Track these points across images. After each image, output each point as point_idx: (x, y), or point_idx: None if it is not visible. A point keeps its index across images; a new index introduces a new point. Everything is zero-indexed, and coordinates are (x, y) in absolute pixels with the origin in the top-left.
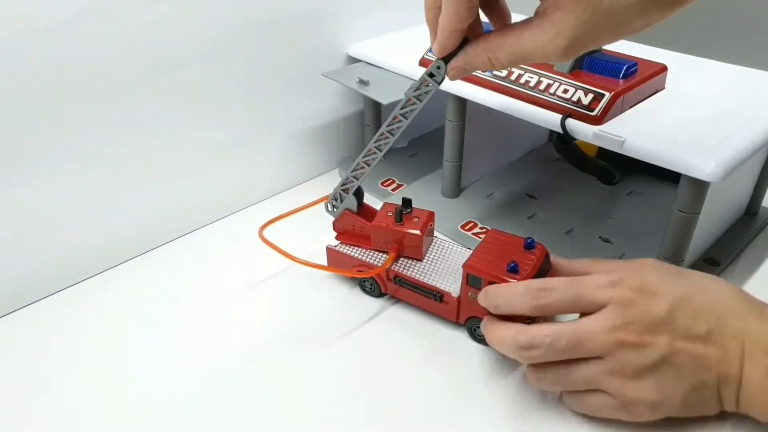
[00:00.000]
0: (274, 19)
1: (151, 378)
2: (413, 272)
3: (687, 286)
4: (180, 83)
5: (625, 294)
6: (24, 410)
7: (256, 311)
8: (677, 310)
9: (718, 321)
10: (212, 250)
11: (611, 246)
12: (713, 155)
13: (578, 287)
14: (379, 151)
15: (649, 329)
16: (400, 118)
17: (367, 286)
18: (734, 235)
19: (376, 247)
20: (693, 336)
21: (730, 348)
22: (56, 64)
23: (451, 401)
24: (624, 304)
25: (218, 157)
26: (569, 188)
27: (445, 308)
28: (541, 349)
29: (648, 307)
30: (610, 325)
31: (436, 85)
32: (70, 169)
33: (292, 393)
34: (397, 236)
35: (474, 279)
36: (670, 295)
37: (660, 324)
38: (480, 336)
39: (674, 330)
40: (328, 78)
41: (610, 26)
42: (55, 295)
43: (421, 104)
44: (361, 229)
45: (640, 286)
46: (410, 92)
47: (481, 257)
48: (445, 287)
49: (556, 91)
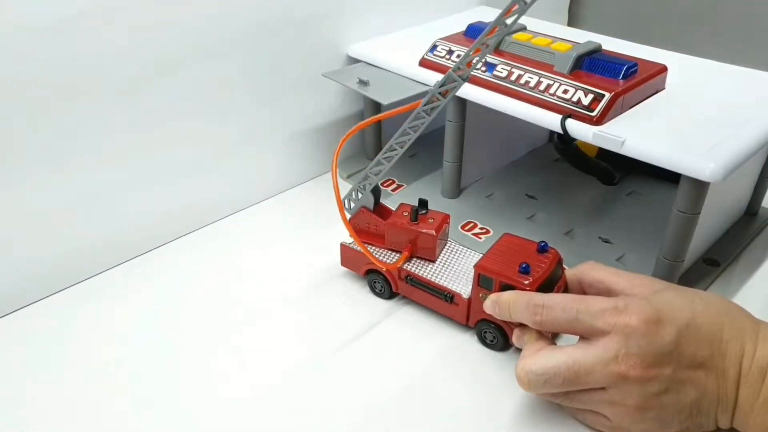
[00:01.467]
0: (274, 20)
1: (151, 378)
2: (425, 272)
3: (692, 311)
4: (180, 83)
5: (629, 322)
6: (24, 410)
7: (257, 311)
8: (683, 338)
9: (720, 344)
10: (212, 250)
11: (611, 246)
12: (713, 155)
13: (578, 310)
14: (399, 147)
15: (653, 361)
16: (409, 131)
17: (378, 287)
18: (734, 235)
19: (390, 246)
20: (697, 364)
21: (729, 372)
22: (56, 63)
23: (457, 405)
24: (627, 333)
25: (218, 157)
26: (569, 188)
27: (456, 310)
28: (537, 386)
29: (654, 338)
30: (612, 356)
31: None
32: (69, 169)
33: (301, 394)
34: (412, 236)
35: (485, 279)
36: (676, 322)
37: (665, 355)
38: (490, 341)
39: (679, 359)
40: (328, 78)
41: None
42: (55, 295)
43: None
44: (376, 227)
45: (647, 313)
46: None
47: (493, 258)
48: (456, 288)
49: (556, 92)
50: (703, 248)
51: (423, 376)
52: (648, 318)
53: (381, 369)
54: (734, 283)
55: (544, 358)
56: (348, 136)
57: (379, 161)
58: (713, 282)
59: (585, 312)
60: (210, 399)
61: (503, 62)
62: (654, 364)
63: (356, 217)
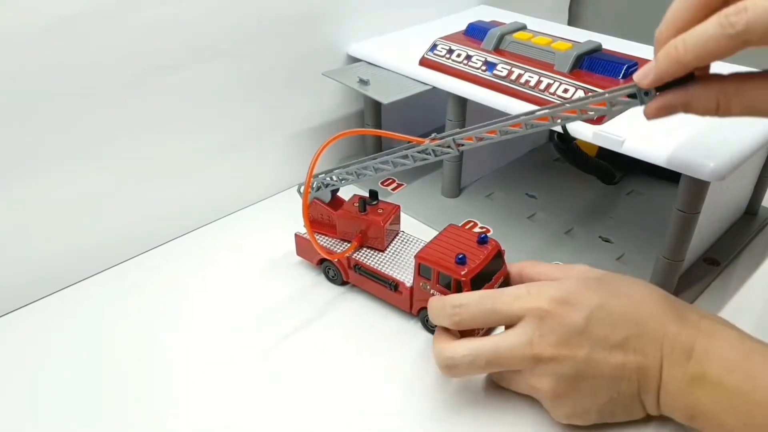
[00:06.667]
0: (275, 19)
1: (149, 377)
2: (372, 262)
3: (606, 293)
4: (180, 83)
5: (540, 305)
6: (24, 410)
7: (258, 310)
8: (595, 319)
9: (637, 326)
10: (212, 250)
11: (611, 246)
12: (713, 155)
13: (493, 301)
14: (373, 172)
15: (565, 342)
16: (390, 163)
17: (331, 274)
18: (734, 235)
19: (342, 236)
20: (611, 345)
21: (649, 353)
22: (56, 63)
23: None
24: (539, 316)
25: (218, 157)
26: (569, 188)
27: (399, 298)
28: (461, 367)
29: (564, 319)
30: (527, 339)
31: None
32: (69, 169)
33: (289, 378)
34: (362, 225)
35: (425, 269)
36: (588, 304)
37: (577, 335)
38: (431, 327)
39: (592, 341)
40: (328, 78)
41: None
42: (55, 294)
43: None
44: (329, 218)
45: (557, 296)
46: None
47: (434, 249)
48: (400, 278)
49: (556, 91)
50: (703, 248)
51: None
52: (558, 299)
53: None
54: (734, 283)
55: (466, 342)
56: (328, 145)
57: (351, 172)
58: (713, 281)
59: (500, 302)
60: (210, 399)
61: (503, 61)
62: (565, 344)
63: (311, 208)
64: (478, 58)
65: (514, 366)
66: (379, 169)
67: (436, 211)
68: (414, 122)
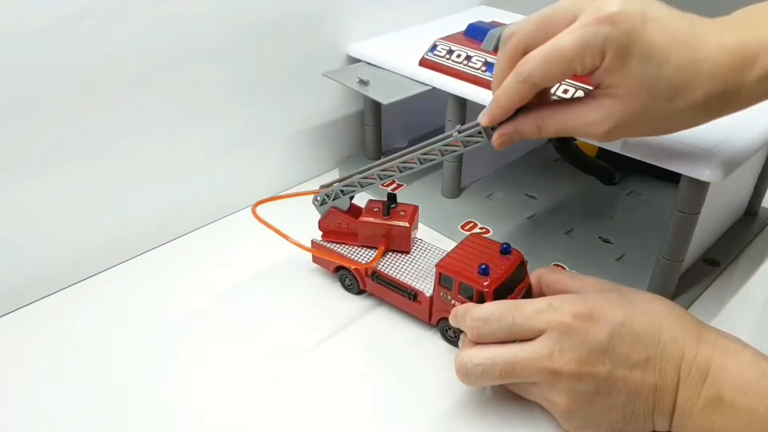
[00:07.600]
0: (274, 19)
1: (150, 377)
2: (391, 270)
3: (629, 310)
4: (180, 83)
5: (563, 319)
6: (23, 410)
7: (258, 309)
8: (618, 336)
9: (657, 347)
10: (212, 250)
11: (611, 246)
12: (713, 156)
13: (513, 316)
14: (398, 171)
15: (587, 358)
16: (417, 160)
17: (347, 282)
18: (734, 235)
19: (364, 242)
20: (632, 364)
21: (667, 375)
22: (55, 63)
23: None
24: (561, 330)
25: (218, 157)
26: (569, 188)
27: (419, 308)
28: (474, 376)
29: (587, 335)
30: (547, 352)
31: (464, 149)
32: (69, 169)
33: (286, 384)
34: (385, 230)
35: (446, 279)
36: (611, 321)
37: (599, 352)
38: (451, 337)
39: (614, 359)
40: (328, 78)
41: (652, 125)
42: (55, 294)
43: (443, 158)
44: (348, 226)
45: (580, 311)
46: (436, 145)
47: (455, 258)
48: (419, 287)
49: (556, 91)
50: (703, 248)
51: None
52: (581, 314)
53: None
54: (734, 283)
55: (483, 350)
56: (263, 202)
57: (373, 174)
58: (713, 282)
59: (520, 316)
60: (210, 400)
61: None
62: (587, 361)
63: (327, 218)
64: (478, 59)
65: (530, 377)
66: (383, 175)
67: (436, 212)
68: (414, 122)
